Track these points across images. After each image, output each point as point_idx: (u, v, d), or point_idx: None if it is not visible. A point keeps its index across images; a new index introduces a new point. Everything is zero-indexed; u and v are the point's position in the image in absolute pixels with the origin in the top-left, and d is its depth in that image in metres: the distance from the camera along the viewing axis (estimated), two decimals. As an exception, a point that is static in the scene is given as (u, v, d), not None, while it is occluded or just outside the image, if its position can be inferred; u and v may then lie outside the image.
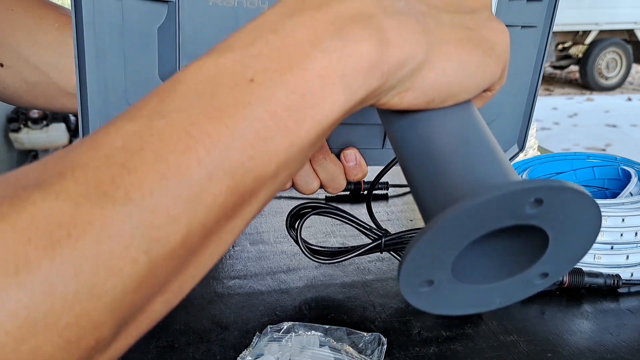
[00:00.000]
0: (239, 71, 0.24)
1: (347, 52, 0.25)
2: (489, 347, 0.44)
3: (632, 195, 0.57)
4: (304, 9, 0.25)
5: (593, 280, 0.52)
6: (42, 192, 0.20)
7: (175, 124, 0.23)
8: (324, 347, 0.40)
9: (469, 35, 0.29)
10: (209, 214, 0.23)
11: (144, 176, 0.22)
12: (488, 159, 0.29)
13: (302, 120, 0.24)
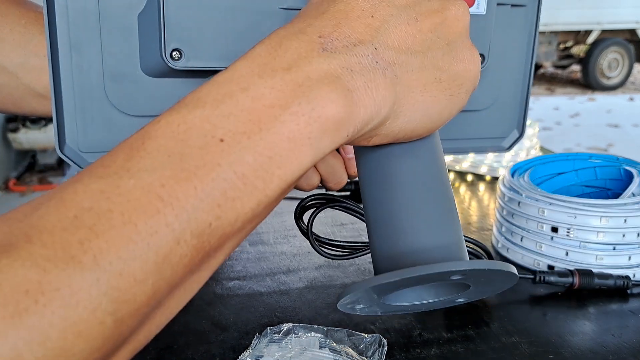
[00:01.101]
0: (209, 130, 0.24)
1: (315, 116, 0.25)
2: (490, 348, 0.44)
3: (634, 195, 0.56)
4: (275, 69, 0.25)
5: (603, 282, 0.51)
6: (9, 257, 0.20)
7: (144, 185, 0.23)
8: (324, 348, 0.40)
9: (437, 77, 0.30)
10: (174, 273, 0.23)
11: (113, 240, 0.21)
12: (434, 217, 0.32)
13: (269, 180, 0.24)
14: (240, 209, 0.24)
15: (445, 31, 0.31)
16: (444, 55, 0.31)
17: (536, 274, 0.51)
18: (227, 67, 0.26)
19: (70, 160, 0.38)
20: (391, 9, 0.29)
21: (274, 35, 0.27)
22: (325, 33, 0.26)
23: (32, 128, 3.46)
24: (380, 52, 0.28)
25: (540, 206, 0.55)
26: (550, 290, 0.52)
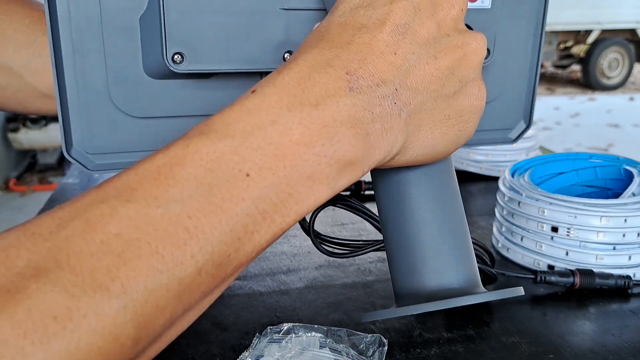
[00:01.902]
0: (237, 162, 0.25)
1: (336, 158, 0.26)
2: (490, 348, 0.44)
3: (634, 195, 0.56)
4: (303, 103, 0.26)
5: (604, 282, 0.51)
6: (38, 282, 0.21)
7: (172, 216, 0.23)
8: (324, 348, 0.40)
9: (447, 115, 0.32)
10: (192, 299, 0.25)
11: (140, 269, 0.22)
12: (450, 245, 0.35)
13: (287, 215, 0.26)
14: (257, 242, 0.26)
15: (461, 67, 0.32)
16: (456, 92, 0.32)
17: (537, 274, 0.51)
18: (255, 90, 0.27)
19: (78, 162, 0.39)
20: (413, 47, 0.29)
21: (302, 62, 0.27)
22: (351, 69, 0.27)
23: (33, 128, 3.46)
24: (400, 92, 0.29)
25: (540, 206, 0.55)
26: (551, 290, 0.52)
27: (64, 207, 0.24)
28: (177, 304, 0.24)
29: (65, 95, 0.36)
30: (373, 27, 0.28)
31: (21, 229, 0.23)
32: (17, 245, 0.22)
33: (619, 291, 0.52)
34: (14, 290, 0.20)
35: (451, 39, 0.31)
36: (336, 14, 0.30)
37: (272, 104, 0.26)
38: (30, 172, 3.71)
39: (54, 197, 0.79)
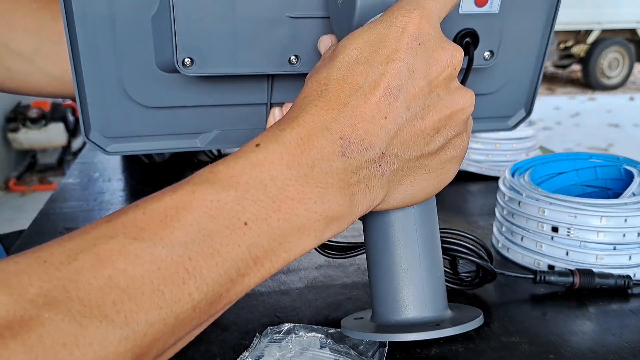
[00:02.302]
0: (237, 212, 0.27)
1: (325, 214, 0.29)
2: (490, 348, 0.44)
3: (634, 195, 0.56)
4: (301, 164, 0.29)
5: (604, 281, 0.51)
6: (50, 311, 0.23)
7: (174, 256, 0.26)
8: (324, 348, 0.40)
9: (427, 169, 0.34)
10: (184, 332, 0.27)
11: (142, 304, 0.25)
12: (425, 276, 0.39)
13: (275, 261, 0.29)
14: (247, 284, 0.28)
15: (447, 126, 0.34)
16: (439, 149, 0.34)
17: (537, 273, 0.51)
18: (259, 144, 0.29)
19: (96, 145, 0.41)
20: (402, 111, 0.31)
21: (303, 123, 0.30)
22: (345, 134, 0.30)
23: (32, 128, 3.46)
24: (385, 155, 0.31)
25: (540, 206, 0.55)
26: (550, 290, 0.52)
27: (74, 238, 0.26)
28: (171, 336, 0.26)
29: (83, 87, 0.38)
30: (368, 89, 0.30)
31: (33, 256, 0.24)
32: (29, 272, 0.24)
33: (619, 291, 0.52)
34: (27, 317, 0.22)
35: (440, 99, 0.33)
36: (336, 65, 0.31)
37: (273, 160, 0.29)
38: (30, 172, 3.71)
39: (54, 197, 0.79)
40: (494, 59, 0.41)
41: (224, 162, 0.29)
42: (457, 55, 0.33)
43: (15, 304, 0.22)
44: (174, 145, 0.44)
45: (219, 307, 0.28)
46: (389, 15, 0.32)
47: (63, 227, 0.68)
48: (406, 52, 0.31)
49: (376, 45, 0.31)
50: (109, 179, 0.88)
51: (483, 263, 0.49)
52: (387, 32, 0.31)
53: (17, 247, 0.63)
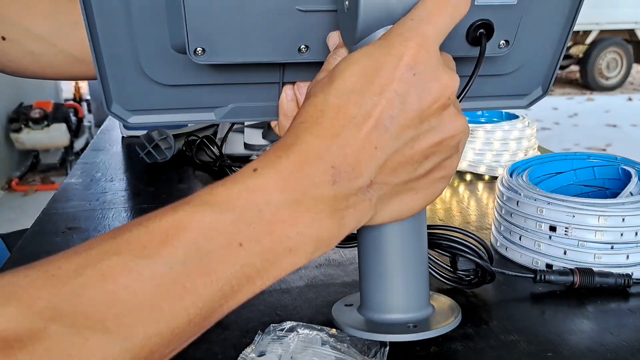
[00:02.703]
0: (232, 233, 0.29)
1: (314, 237, 0.31)
2: (489, 347, 0.44)
3: (632, 195, 0.57)
4: (295, 190, 0.31)
5: (604, 280, 0.51)
6: (57, 324, 0.24)
7: (173, 274, 0.27)
8: (325, 346, 0.40)
9: (415, 190, 0.36)
10: (178, 344, 0.29)
11: (142, 318, 0.26)
12: (412, 278, 0.43)
13: (266, 278, 0.30)
14: (239, 299, 0.30)
15: (437, 152, 0.35)
16: (427, 172, 0.35)
17: (536, 273, 0.52)
18: (257, 169, 0.31)
19: (118, 117, 0.43)
20: (393, 142, 0.32)
21: (298, 152, 0.31)
22: (337, 163, 0.31)
23: (35, 128, 3.46)
24: (374, 183, 0.33)
25: (538, 205, 0.55)
26: (549, 289, 0.53)
27: (80, 253, 0.27)
28: (166, 348, 0.28)
29: (103, 66, 0.41)
30: (360, 120, 0.32)
31: (42, 269, 0.26)
32: (38, 286, 0.25)
33: (618, 290, 0.52)
34: (35, 329, 0.24)
35: (431, 128, 0.33)
36: (332, 92, 0.33)
37: (269, 186, 0.30)
38: (32, 172, 3.71)
39: (56, 197, 0.79)
40: (509, 47, 0.41)
41: (224, 184, 0.30)
42: (451, 85, 0.33)
43: (25, 316, 0.24)
44: (191, 117, 0.46)
45: (212, 321, 0.30)
46: (388, 41, 0.33)
47: (65, 226, 0.68)
48: (400, 83, 0.32)
49: (372, 75, 0.32)
50: (111, 178, 0.88)
51: (483, 263, 0.49)
52: (384, 60, 0.32)
53: (19, 247, 0.63)
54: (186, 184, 0.86)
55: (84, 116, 3.93)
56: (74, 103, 4.07)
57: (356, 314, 0.45)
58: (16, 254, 0.61)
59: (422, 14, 0.33)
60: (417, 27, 0.33)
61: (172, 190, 0.83)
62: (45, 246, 0.63)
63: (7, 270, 0.59)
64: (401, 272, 0.43)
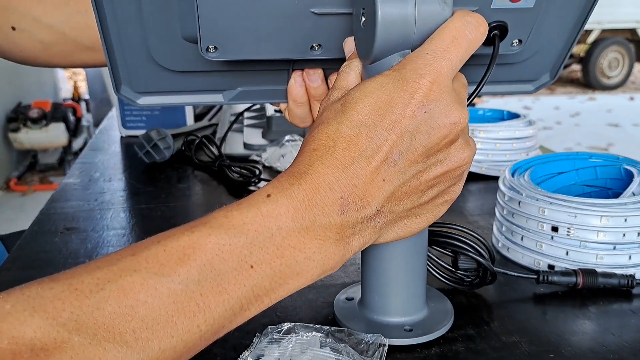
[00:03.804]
0: (245, 256, 0.31)
1: (321, 263, 0.33)
2: (490, 347, 0.44)
3: (634, 195, 0.56)
4: (304, 218, 0.32)
5: (607, 281, 0.51)
6: (79, 335, 0.26)
7: (188, 292, 0.29)
8: (324, 348, 0.40)
9: (419, 214, 0.37)
10: (190, 356, 0.31)
11: (157, 333, 0.28)
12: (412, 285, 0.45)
13: (274, 298, 0.33)
14: (247, 316, 0.33)
15: (442, 182, 0.36)
16: (431, 199, 0.37)
17: (539, 273, 0.51)
18: (270, 195, 0.33)
19: (127, 98, 0.45)
20: (400, 176, 0.34)
21: (310, 181, 0.33)
22: (345, 194, 0.33)
23: (33, 128, 3.46)
24: (380, 213, 0.35)
25: (540, 205, 0.55)
26: (551, 290, 0.52)
27: (102, 268, 0.29)
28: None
29: (113, 52, 0.41)
30: (370, 153, 0.33)
31: (66, 282, 0.28)
32: (62, 299, 0.27)
33: (620, 290, 0.52)
34: (60, 340, 0.25)
35: (438, 159, 0.35)
36: (345, 123, 0.34)
37: (281, 213, 0.32)
38: (31, 172, 3.71)
39: (55, 197, 0.79)
40: (521, 46, 0.40)
41: (238, 207, 0.32)
42: (460, 122, 0.34)
43: (50, 327, 0.26)
44: (199, 99, 0.47)
45: (220, 335, 0.32)
46: (402, 75, 0.33)
47: (64, 227, 0.68)
48: (411, 120, 0.33)
49: (384, 110, 0.33)
50: (109, 178, 0.88)
51: (485, 262, 0.49)
52: (396, 96, 0.33)
53: (18, 247, 0.63)
54: (185, 184, 0.86)
55: (82, 116, 3.93)
56: (73, 102, 4.07)
57: (356, 311, 0.47)
58: (15, 254, 0.61)
59: (439, 48, 0.34)
60: (432, 63, 0.33)
61: (171, 190, 0.83)
62: (43, 246, 0.62)
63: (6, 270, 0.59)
64: (399, 280, 0.44)
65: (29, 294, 0.27)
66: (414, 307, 0.46)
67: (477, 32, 0.34)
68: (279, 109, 1.07)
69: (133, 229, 0.68)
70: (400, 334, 0.44)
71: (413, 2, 0.34)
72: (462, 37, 0.34)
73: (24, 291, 0.27)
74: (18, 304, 0.26)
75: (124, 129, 1.13)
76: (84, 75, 4.50)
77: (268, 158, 0.91)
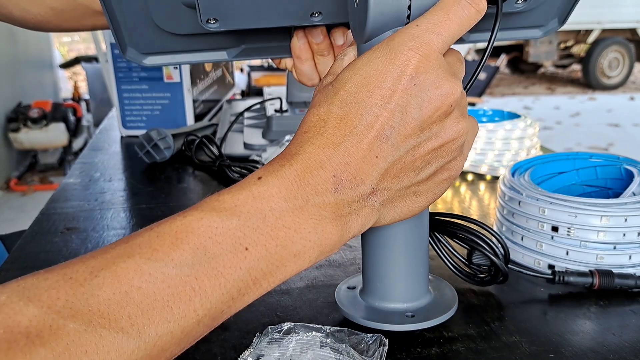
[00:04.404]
0: (239, 238, 0.31)
1: (318, 243, 0.32)
2: (491, 347, 0.44)
3: (634, 195, 0.56)
4: (297, 197, 0.32)
5: (624, 282, 0.50)
6: (75, 322, 0.26)
7: (182, 276, 0.29)
8: (324, 348, 0.40)
9: (419, 193, 0.37)
10: (188, 343, 0.30)
11: (153, 318, 0.28)
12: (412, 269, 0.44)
13: (272, 282, 0.32)
14: (245, 301, 0.32)
15: (438, 156, 0.35)
16: (430, 176, 0.36)
17: (555, 274, 0.51)
18: (261, 177, 0.32)
19: (133, 60, 0.46)
20: (393, 150, 0.33)
21: (301, 161, 0.33)
22: (338, 172, 0.33)
23: (33, 128, 3.46)
24: (376, 190, 0.34)
25: (540, 205, 0.55)
26: (551, 290, 0.52)
27: (95, 257, 0.29)
28: (177, 347, 0.30)
29: (115, 17, 0.42)
30: (362, 130, 0.33)
31: (60, 272, 0.28)
32: (57, 287, 0.27)
33: (621, 291, 0.52)
34: (55, 327, 0.25)
35: (432, 134, 0.34)
36: (335, 102, 0.34)
37: (272, 193, 0.32)
38: (31, 172, 3.71)
39: (55, 197, 0.79)
40: (526, 5, 0.40)
41: (230, 191, 0.32)
42: (453, 93, 0.33)
43: (45, 315, 0.26)
44: (204, 57, 0.47)
45: (220, 321, 0.31)
46: (391, 48, 0.33)
47: (64, 226, 0.68)
48: (401, 94, 0.33)
49: (373, 85, 0.33)
50: (109, 178, 0.88)
51: (498, 262, 0.49)
52: (385, 70, 0.33)
53: (19, 247, 0.63)
54: (185, 184, 0.86)
55: (82, 116, 3.93)
56: (73, 102, 4.07)
57: (358, 299, 0.47)
58: (15, 254, 0.61)
59: (430, 21, 0.33)
60: (422, 36, 0.33)
61: (171, 190, 0.83)
62: (43, 246, 0.63)
63: (7, 270, 0.59)
64: (401, 264, 0.44)
65: (24, 285, 0.27)
66: (416, 293, 0.46)
67: (470, 11, 0.34)
68: (279, 109, 1.07)
69: (133, 229, 0.68)
70: (403, 319, 0.44)
71: None
72: (455, 13, 0.33)
73: (20, 283, 0.27)
74: (13, 295, 0.26)
75: (124, 129, 1.13)
76: (84, 75, 4.50)
77: (268, 158, 0.91)
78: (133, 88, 1.11)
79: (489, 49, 0.36)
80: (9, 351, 0.24)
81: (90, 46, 7.76)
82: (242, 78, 1.85)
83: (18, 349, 0.24)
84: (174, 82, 1.10)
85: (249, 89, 1.66)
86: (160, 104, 1.11)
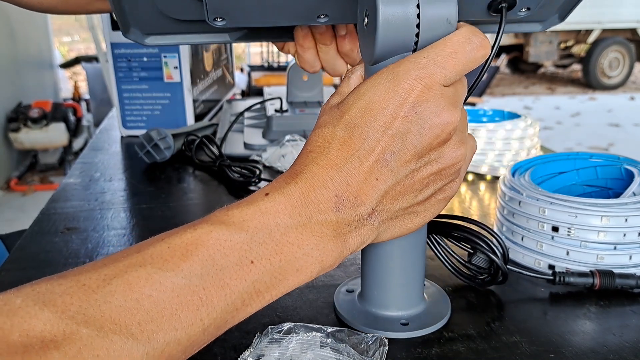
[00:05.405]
0: (245, 251, 0.32)
1: (319, 259, 0.34)
2: (491, 348, 0.44)
3: (635, 195, 0.56)
4: (301, 215, 0.33)
5: (625, 282, 0.50)
6: (88, 328, 0.27)
7: (191, 286, 0.30)
8: (325, 348, 0.40)
9: (416, 213, 0.38)
10: (193, 351, 0.32)
11: (162, 326, 0.29)
12: (410, 279, 0.46)
13: (274, 294, 0.34)
14: (248, 312, 0.33)
15: (437, 179, 0.37)
16: (428, 197, 0.38)
17: (556, 274, 0.51)
18: (268, 194, 0.34)
19: (135, 40, 0.46)
20: (393, 174, 0.35)
21: (306, 180, 0.34)
22: (339, 192, 0.34)
23: (34, 128, 3.46)
24: (376, 211, 0.36)
25: (541, 205, 0.55)
26: (552, 290, 0.52)
27: (108, 265, 0.30)
28: (182, 354, 0.31)
29: (120, 3, 0.42)
30: (363, 154, 0.34)
31: (74, 279, 0.29)
32: (71, 294, 0.28)
33: (622, 291, 0.52)
34: (68, 332, 0.26)
35: (431, 158, 0.36)
36: (340, 125, 0.35)
37: (278, 210, 0.33)
38: (31, 172, 3.71)
39: (55, 197, 0.79)
40: (529, 12, 0.40)
41: (238, 206, 0.34)
42: (452, 122, 0.35)
43: (59, 320, 0.27)
44: (206, 39, 0.48)
45: (223, 331, 0.33)
46: (395, 76, 0.34)
47: (64, 227, 0.68)
48: (402, 121, 0.34)
49: (375, 111, 0.34)
50: (110, 178, 0.88)
51: (498, 262, 0.49)
52: (387, 97, 0.34)
53: (19, 247, 0.63)
54: (185, 184, 0.86)
55: (82, 116, 3.93)
56: (73, 102, 4.07)
57: (355, 303, 0.48)
58: (15, 254, 0.61)
59: (437, 55, 0.34)
60: (427, 67, 0.34)
61: (171, 190, 0.83)
62: (44, 246, 0.62)
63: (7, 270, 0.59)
64: (396, 275, 0.45)
65: (39, 290, 0.28)
66: (411, 301, 0.47)
67: (477, 53, 0.35)
68: (279, 109, 1.07)
69: (133, 229, 0.68)
70: (396, 327, 0.45)
71: (414, 3, 0.34)
72: (464, 53, 0.34)
73: (34, 287, 0.28)
74: (28, 299, 0.27)
75: (124, 129, 1.13)
76: (84, 75, 4.49)
77: (268, 158, 0.91)
78: (133, 88, 1.11)
79: (492, 55, 0.37)
80: (24, 354, 0.25)
81: (90, 46, 7.76)
82: (242, 78, 1.85)
83: (34, 352, 0.25)
84: (174, 82, 1.10)
85: (249, 89, 1.67)
86: (161, 104, 1.11)
